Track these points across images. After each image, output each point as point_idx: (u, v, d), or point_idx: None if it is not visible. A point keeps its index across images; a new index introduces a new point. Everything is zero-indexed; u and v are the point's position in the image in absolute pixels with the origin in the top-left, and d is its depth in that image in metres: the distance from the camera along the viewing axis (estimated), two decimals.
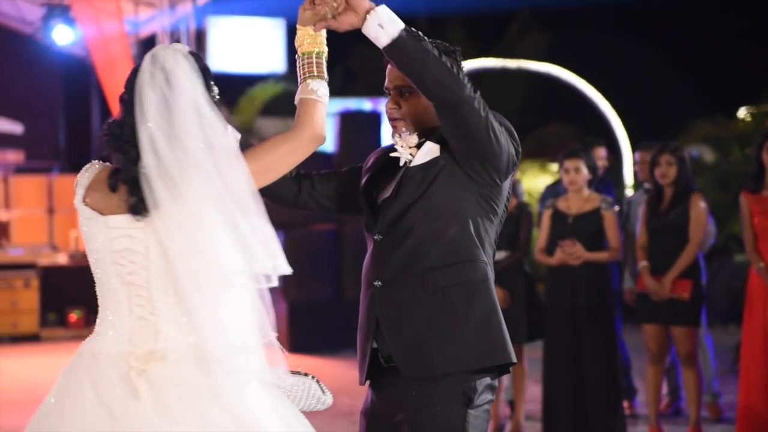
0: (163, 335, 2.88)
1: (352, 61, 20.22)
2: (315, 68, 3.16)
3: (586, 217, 6.80)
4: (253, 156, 2.99)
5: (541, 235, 7.03)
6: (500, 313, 3.29)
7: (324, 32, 3.21)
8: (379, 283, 3.26)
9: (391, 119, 3.34)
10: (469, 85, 3.12)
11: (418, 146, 3.28)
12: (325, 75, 3.11)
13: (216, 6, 16.22)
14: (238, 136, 3.04)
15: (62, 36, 14.95)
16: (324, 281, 11.88)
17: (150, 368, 2.85)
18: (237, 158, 2.90)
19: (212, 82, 3.00)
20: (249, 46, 16.46)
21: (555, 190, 7.52)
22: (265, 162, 3.01)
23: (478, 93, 3.15)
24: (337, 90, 19.30)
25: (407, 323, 3.22)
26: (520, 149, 3.30)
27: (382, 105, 13.42)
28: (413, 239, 3.23)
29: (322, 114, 3.10)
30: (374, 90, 17.36)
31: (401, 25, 3.08)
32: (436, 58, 3.08)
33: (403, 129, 3.31)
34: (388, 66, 3.33)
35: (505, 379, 7.63)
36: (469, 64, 14.60)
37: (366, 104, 13.52)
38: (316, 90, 3.14)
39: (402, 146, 3.29)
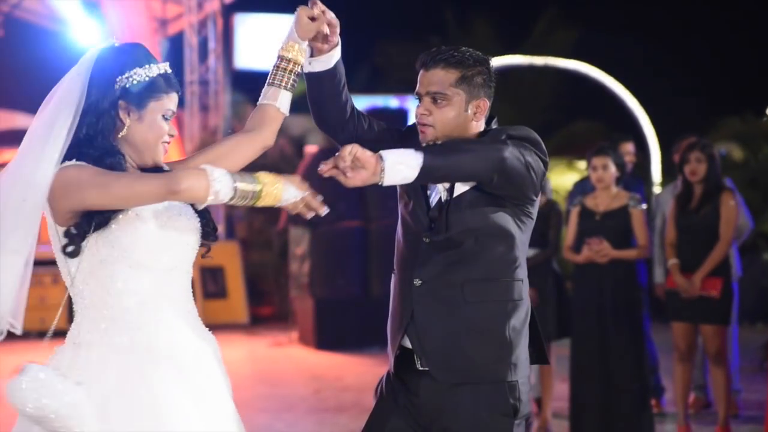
0: None
1: (378, 59, 20.24)
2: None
3: (613, 215, 6.77)
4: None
5: (568, 233, 7.01)
6: (527, 331, 3.39)
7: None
8: (419, 282, 3.32)
9: (421, 124, 3.35)
10: (499, 147, 3.21)
11: None
12: (235, 198, 2.97)
13: (243, 3, 16.27)
14: None
15: (88, 32, 15.04)
16: (350, 278, 11.89)
17: None
18: None
19: None
20: (276, 43, 16.43)
21: (583, 187, 7.48)
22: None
23: (509, 142, 3.24)
24: (363, 87, 19.33)
25: (443, 327, 3.29)
26: (547, 159, 3.36)
27: (408, 102, 13.41)
28: (462, 250, 3.30)
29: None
30: (401, 87, 17.36)
31: (416, 155, 3.10)
32: (461, 156, 3.16)
33: (431, 137, 3.33)
34: (421, 71, 3.37)
35: (533, 377, 7.61)
36: (496, 62, 14.57)
37: (393, 101, 13.50)
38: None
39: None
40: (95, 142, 2.93)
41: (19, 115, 17.08)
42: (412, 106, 13.30)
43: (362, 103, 13.26)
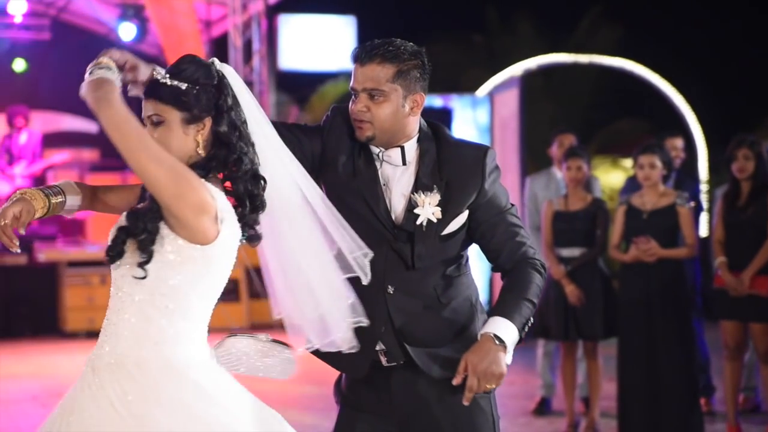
0: None
1: None
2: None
3: (661, 213, 6.73)
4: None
5: (615, 232, 6.97)
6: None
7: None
8: (393, 288, 3.33)
9: (358, 120, 3.29)
10: (544, 276, 3.40)
11: (440, 205, 3.30)
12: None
13: (287, 4, 16.31)
14: None
15: (128, 33, 15.15)
16: None
17: None
18: None
19: None
20: (320, 43, 16.51)
21: (634, 185, 7.41)
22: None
23: (540, 262, 3.40)
24: None
25: (425, 328, 3.36)
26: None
27: (453, 101, 13.36)
28: (427, 263, 3.36)
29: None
30: (444, 86, 17.34)
31: (517, 339, 3.27)
32: (536, 306, 3.34)
33: (369, 133, 3.28)
34: (356, 65, 3.31)
35: (580, 376, 7.58)
36: (540, 60, 14.52)
37: (436, 100, 13.45)
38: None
39: (426, 204, 3.28)
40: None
41: (65, 116, 17.25)
42: (456, 104, 13.30)
43: None
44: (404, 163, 3.33)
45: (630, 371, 6.75)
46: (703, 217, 9.74)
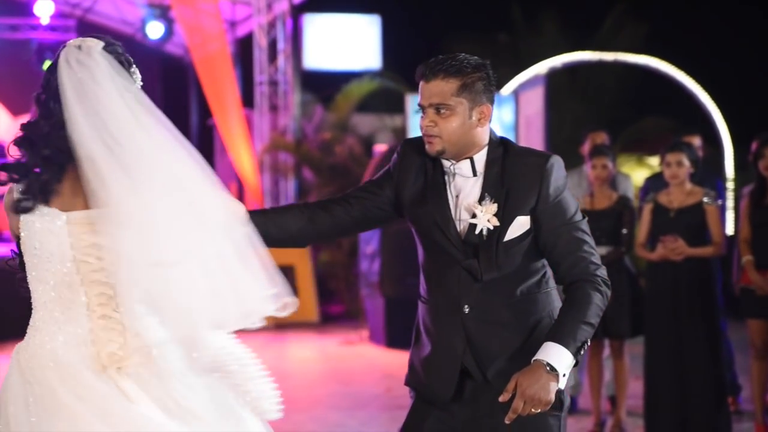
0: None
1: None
2: None
3: (688, 211, 6.71)
4: None
5: (641, 230, 6.95)
6: None
7: None
8: (468, 308, 3.39)
9: (427, 136, 3.37)
10: (606, 295, 3.39)
11: (497, 214, 3.34)
12: None
13: (311, 3, 16.34)
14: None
15: (155, 31, 15.22)
16: (406, 274, 11.87)
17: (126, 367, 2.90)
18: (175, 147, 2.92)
19: (133, 70, 3.04)
20: (344, 43, 16.54)
21: (656, 184, 7.39)
22: None
23: (603, 280, 3.39)
24: None
25: (501, 345, 3.40)
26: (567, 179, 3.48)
27: None
28: (502, 276, 3.39)
29: None
30: None
31: (572, 363, 3.27)
32: (595, 327, 3.34)
33: (438, 147, 3.35)
34: (421, 83, 3.39)
35: (607, 374, 7.56)
36: (564, 58, 14.50)
37: None
38: None
39: (482, 212, 3.35)
40: None
41: None
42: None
43: None
44: (474, 174, 3.40)
45: (657, 370, 6.74)
46: (728, 216, 9.71)
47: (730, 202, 11.37)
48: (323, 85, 16.98)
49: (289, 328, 13.10)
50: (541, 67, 13.91)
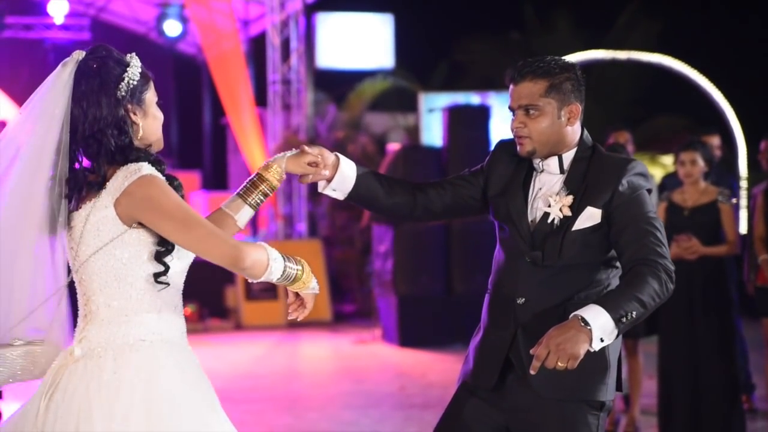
0: None
1: (459, 55, 20.18)
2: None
3: (702, 210, 6.69)
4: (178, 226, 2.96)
5: None
6: (619, 351, 3.50)
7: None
8: (523, 300, 3.42)
9: (518, 137, 3.45)
10: (666, 290, 3.27)
11: (571, 206, 3.38)
12: (282, 276, 3.05)
13: (324, 2, 16.35)
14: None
15: (173, 29, 15.26)
16: (433, 276, 11.90)
17: None
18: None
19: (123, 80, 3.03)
20: (357, 41, 16.54)
21: (673, 181, 7.36)
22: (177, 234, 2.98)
23: (666, 268, 3.29)
24: (443, 84, 19.32)
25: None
26: (652, 186, 3.49)
27: (490, 99, 13.36)
28: (562, 271, 3.39)
29: (258, 261, 3.08)
30: (482, 84, 17.30)
31: (613, 330, 3.16)
32: (646, 312, 3.23)
33: (529, 148, 3.42)
34: (511, 86, 3.46)
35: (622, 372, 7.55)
36: (578, 57, 14.47)
37: (474, 98, 13.45)
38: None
39: (556, 201, 3.40)
40: (132, 151, 3.02)
41: None
42: (494, 102, 13.29)
43: (443, 100, 13.25)
44: (562, 171, 3.45)
45: (671, 368, 6.72)
46: (741, 214, 9.69)
47: (744, 201, 11.34)
48: (336, 84, 17.00)
49: (302, 327, 13.12)
50: None
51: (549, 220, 3.40)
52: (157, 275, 2.97)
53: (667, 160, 18.06)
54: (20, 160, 3.02)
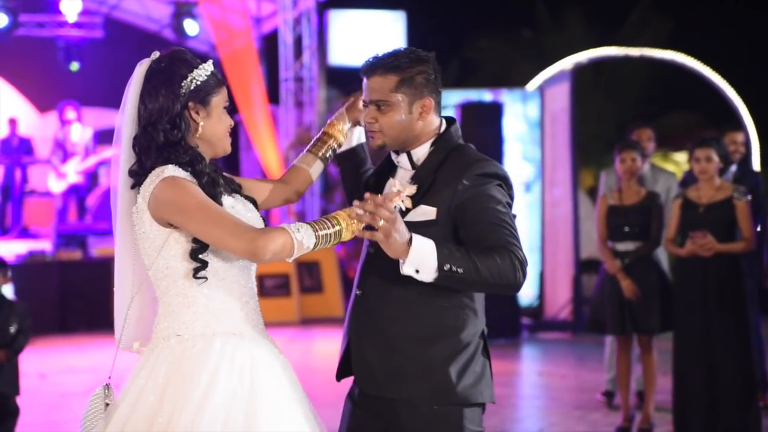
0: None
1: (470, 53, 20.21)
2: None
3: (717, 207, 6.68)
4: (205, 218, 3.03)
5: (670, 225, 6.93)
6: (467, 361, 3.31)
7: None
8: (360, 292, 3.39)
9: (369, 131, 3.39)
10: (512, 277, 3.14)
11: (413, 198, 3.25)
12: (320, 242, 3.05)
13: (337, 0, 16.36)
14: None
15: (191, 29, 15.28)
16: None
17: None
18: None
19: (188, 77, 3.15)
20: (369, 39, 16.53)
21: (692, 179, 7.35)
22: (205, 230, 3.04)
23: (519, 256, 3.16)
24: (455, 82, 19.28)
25: (370, 340, 3.33)
26: (513, 194, 3.34)
27: (503, 95, 13.35)
28: (398, 266, 3.23)
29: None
30: (494, 80, 17.30)
31: (432, 270, 3.06)
32: (477, 281, 3.11)
33: (379, 142, 3.36)
34: (364, 79, 3.39)
35: (636, 370, 7.56)
36: (590, 53, 14.46)
37: (486, 95, 13.45)
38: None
39: (399, 189, 3.22)
40: (180, 147, 3.12)
41: (117, 113, 17.41)
42: (506, 99, 13.28)
43: (455, 97, 13.25)
44: (413, 167, 3.38)
45: (686, 365, 6.72)
46: None
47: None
48: (348, 81, 16.96)
49: (315, 324, 13.14)
50: (567, 63, 13.87)
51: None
52: (196, 270, 3.06)
53: (680, 157, 18.05)
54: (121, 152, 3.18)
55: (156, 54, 3.21)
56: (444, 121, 3.42)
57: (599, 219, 7.29)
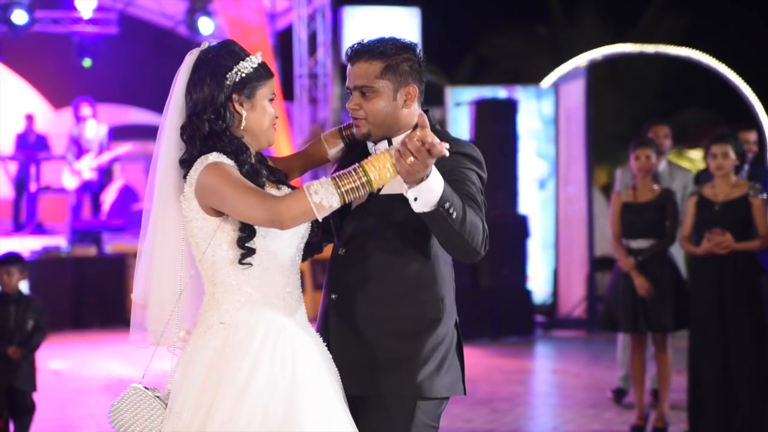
0: None
1: (484, 49, 20.17)
2: (349, 183, 3.03)
3: (733, 204, 6.64)
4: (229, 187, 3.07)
5: (685, 223, 6.89)
6: (445, 353, 3.38)
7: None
8: (335, 296, 3.36)
9: (354, 118, 3.37)
10: (481, 241, 3.19)
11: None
12: (346, 197, 3.01)
13: None
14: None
15: (206, 27, 15.30)
16: (460, 270, 11.86)
17: None
18: None
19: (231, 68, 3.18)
20: (384, 35, 16.52)
21: (707, 177, 7.32)
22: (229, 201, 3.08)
23: (485, 239, 3.21)
24: (469, 78, 19.25)
25: (353, 342, 3.32)
26: (485, 176, 3.37)
27: (517, 92, 13.33)
28: (372, 265, 3.31)
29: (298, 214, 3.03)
30: (509, 77, 17.28)
31: (432, 203, 3.03)
32: (456, 231, 3.10)
33: (364, 130, 3.33)
34: (348, 66, 3.36)
35: (651, 368, 7.53)
36: (605, 50, 14.42)
37: (501, 92, 13.43)
38: (320, 200, 3.02)
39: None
40: (224, 138, 3.16)
41: (132, 109, 17.46)
42: (521, 96, 13.26)
43: (469, 94, 13.23)
44: None
45: (701, 364, 6.69)
46: None
47: None
48: None
49: None
50: (582, 60, 13.83)
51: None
52: (242, 257, 3.10)
53: (694, 154, 18.00)
54: (164, 142, 3.22)
55: (206, 44, 3.25)
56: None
57: (613, 216, 7.26)
